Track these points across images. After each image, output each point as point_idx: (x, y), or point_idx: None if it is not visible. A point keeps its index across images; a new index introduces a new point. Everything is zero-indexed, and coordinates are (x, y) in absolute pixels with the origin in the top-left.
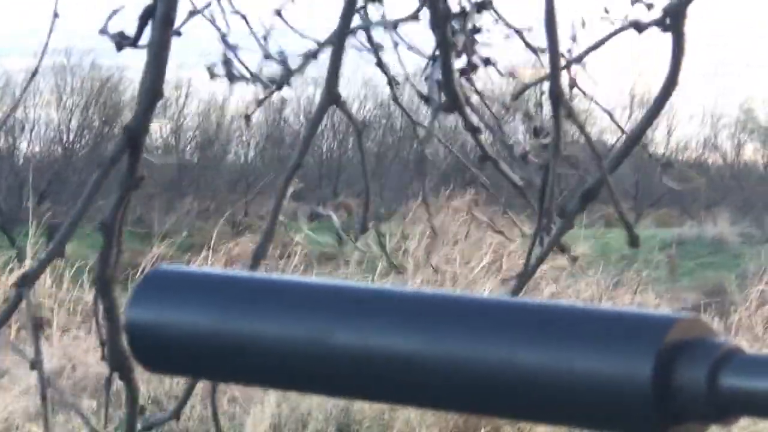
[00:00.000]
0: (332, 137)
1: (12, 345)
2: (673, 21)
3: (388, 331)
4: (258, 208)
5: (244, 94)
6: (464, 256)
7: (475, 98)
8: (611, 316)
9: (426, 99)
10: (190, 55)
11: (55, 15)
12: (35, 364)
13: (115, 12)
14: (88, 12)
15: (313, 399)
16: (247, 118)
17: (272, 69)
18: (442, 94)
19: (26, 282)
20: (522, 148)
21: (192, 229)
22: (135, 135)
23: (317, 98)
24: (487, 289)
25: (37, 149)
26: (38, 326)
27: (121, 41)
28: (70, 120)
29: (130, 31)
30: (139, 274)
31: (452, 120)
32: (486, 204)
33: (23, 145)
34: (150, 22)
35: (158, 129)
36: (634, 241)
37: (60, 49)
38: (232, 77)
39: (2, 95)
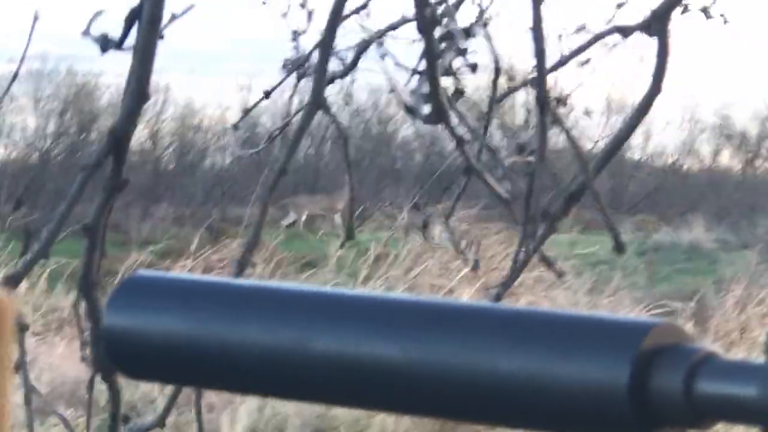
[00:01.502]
0: (308, 143)
1: None
2: (658, 25)
3: (367, 338)
4: (235, 214)
5: (220, 99)
6: (443, 264)
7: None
8: (588, 322)
9: (411, 110)
10: (168, 58)
11: (36, 18)
12: (19, 367)
13: (97, 14)
14: (65, 17)
15: (290, 404)
16: (235, 127)
17: None
18: (427, 105)
19: (10, 284)
20: (508, 162)
21: (168, 236)
22: (120, 138)
23: (294, 102)
24: (466, 297)
25: (13, 155)
26: (22, 330)
27: (106, 43)
28: (46, 126)
29: (114, 33)
30: (116, 280)
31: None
32: (464, 210)
33: None
34: (136, 24)
35: (134, 134)
36: (620, 248)
37: (36, 54)
38: None
39: None
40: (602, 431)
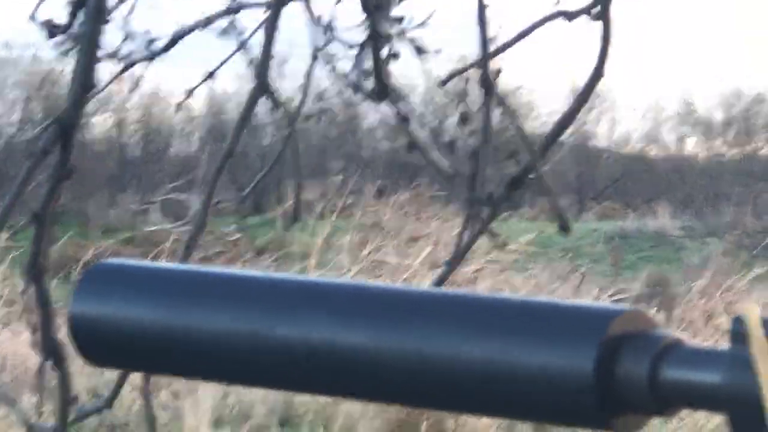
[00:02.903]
0: (273, 129)
1: None
2: (602, 9)
3: (331, 325)
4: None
5: (186, 86)
6: (404, 249)
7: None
8: (554, 308)
9: (356, 87)
10: (136, 45)
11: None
12: None
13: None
14: (30, 5)
15: (256, 392)
16: (179, 106)
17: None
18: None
19: None
20: (452, 134)
21: (133, 224)
22: (67, 126)
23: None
24: (427, 282)
25: None
26: None
27: (52, 29)
28: (11, 113)
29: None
30: (80, 268)
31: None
32: (430, 198)
33: None
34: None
35: (100, 122)
36: (566, 228)
37: (1, 42)
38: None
39: None
40: (568, 418)
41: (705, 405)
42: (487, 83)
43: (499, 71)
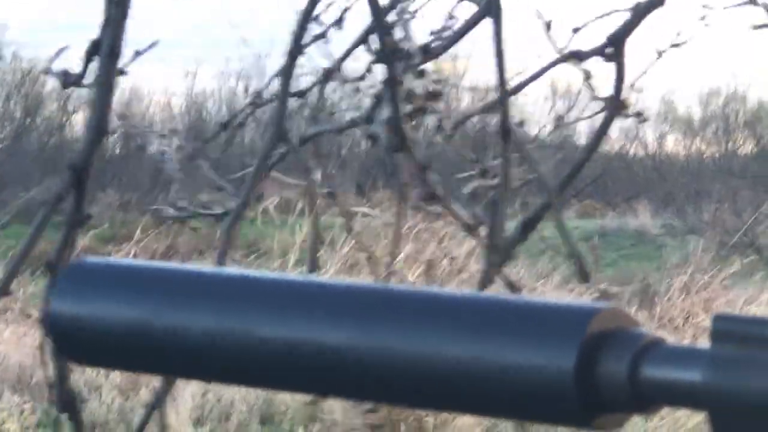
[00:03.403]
0: (255, 128)
1: None
2: (615, 50)
3: (314, 323)
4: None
5: (167, 84)
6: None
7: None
8: (534, 307)
9: (374, 139)
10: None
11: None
12: None
13: (61, 50)
14: (8, 3)
15: (236, 390)
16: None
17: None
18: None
19: None
20: (471, 187)
21: (113, 221)
22: (80, 172)
23: (239, 89)
24: (408, 279)
25: None
26: None
27: (67, 79)
28: None
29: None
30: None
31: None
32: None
33: None
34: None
35: (81, 120)
36: (585, 277)
37: None
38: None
39: None
40: (548, 417)
41: (685, 403)
42: (506, 131)
43: (522, 122)
